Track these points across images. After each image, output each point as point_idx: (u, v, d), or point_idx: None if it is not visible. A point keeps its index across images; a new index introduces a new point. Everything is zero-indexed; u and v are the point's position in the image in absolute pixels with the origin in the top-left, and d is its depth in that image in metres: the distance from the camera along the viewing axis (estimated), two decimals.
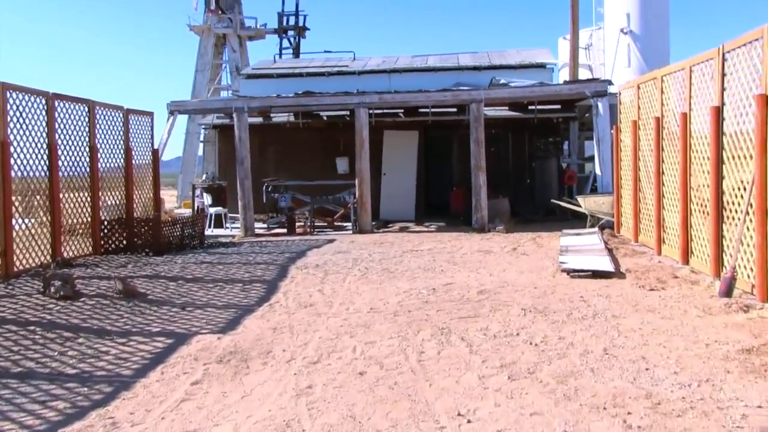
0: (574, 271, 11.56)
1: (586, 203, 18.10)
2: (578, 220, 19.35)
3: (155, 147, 18.86)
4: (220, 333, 8.44)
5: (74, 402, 6.11)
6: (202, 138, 39.10)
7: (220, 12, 45.11)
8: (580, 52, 26.88)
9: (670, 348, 7.11)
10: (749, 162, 9.39)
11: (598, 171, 19.24)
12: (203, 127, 31.00)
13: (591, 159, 23.27)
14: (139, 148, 17.76)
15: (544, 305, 9.35)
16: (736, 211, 9.86)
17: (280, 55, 45.02)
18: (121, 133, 16.98)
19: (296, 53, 46.02)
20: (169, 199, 39.43)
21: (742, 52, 9.65)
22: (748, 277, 9.39)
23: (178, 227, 17.08)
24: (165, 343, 8.05)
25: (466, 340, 7.70)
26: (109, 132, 16.34)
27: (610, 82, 19.84)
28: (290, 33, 47.42)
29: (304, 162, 24.05)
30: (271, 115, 23.49)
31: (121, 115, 16.99)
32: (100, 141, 15.89)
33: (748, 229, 9.41)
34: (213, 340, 8.07)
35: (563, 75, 28.89)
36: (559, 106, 23.25)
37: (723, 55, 10.25)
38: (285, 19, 47.62)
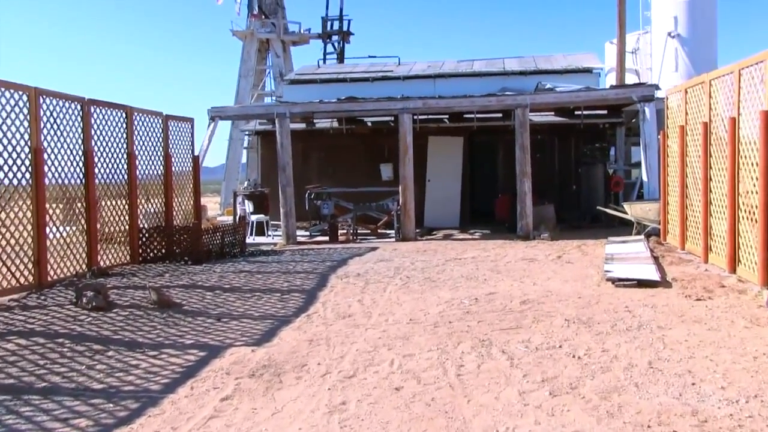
0: (620, 280, 11.26)
1: (632, 210, 17.74)
2: (624, 227, 18.97)
3: (196, 154, 18.70)
4: (255, 345, 8.26)
5: (98, 419, 5.93)
6: (245, 144, 39.08)
7: (263, 17, 44.98)
8: (627, 57, 26.49)
9: (716, 361, 6.84)
10: None
11: (644, 177, 18.85)
12: (246, 133, 30.89)
13: (637, 165, 22.97)
14: (178, 155, 17.62)
15: (588, 316, 9.08)
16: None
17: (324, 60, 44.75)
18: (160, 139, 16.82)
19: (340, 58, 45.91)
20: (213, 206, 39.54)
21: None
22: None
23: (218, 235, 16.99)
24: (197, 356, 7.88)
25: (507, 353, 7.46)
26: (147, 138, 16.20)
27: (657, 87, 19.48)
28: (334, 38, 47.22)
29: (347, 168, 24.00)
30: (314, 120, 23.40)
31: (160, 121, 16.83)
32: (138, 147, 15.76)
33: None
34: (247, 353, 7.89)
35: (610, 80, 28.51)
36: (605, 112, 22.96)
37: None
38: (329, 23, 47.35)
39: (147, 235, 15.95)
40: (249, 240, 20.25)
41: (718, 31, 26.05)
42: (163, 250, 16.04)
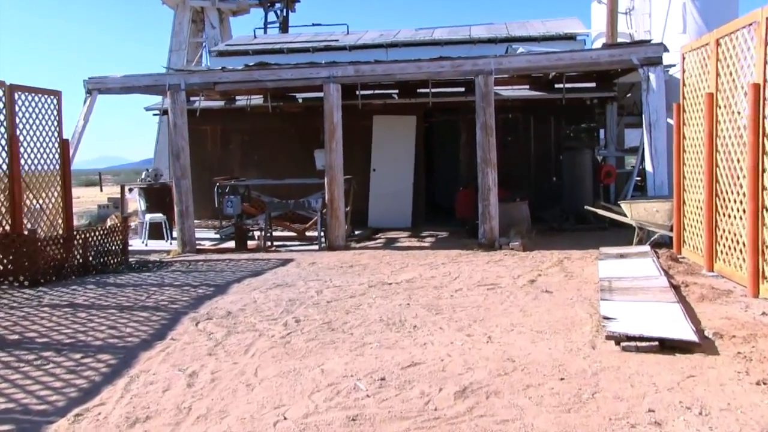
0: (629, 338, 6.75)
1: (633, 211, 13.23)
2: (618, 228, 15.21)
3: (66, 137, 14.19)
4: None
5: None
6: None
7: None
8: (620, 18, 21.90)
9: None
10: None
11: (648, 166, 14.23)
12: (154, 113, 25.72)
13: (633, 151, 18.89)
14: (35, 138, 13.29)
15: None
16: None
17: (265, 30, 40.31)
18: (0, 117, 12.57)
19: (284, 28, 41.12)
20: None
21: None
22: None
23: (78, 244, 12.61)
24: None
25: None
26: None
27: (665, 48, 14.77)
28: (277, 5, 42.08)
29: (276, 155, 19.93)
30: (236, 97, 19.12)
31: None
32: None
33: None
34: None
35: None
36: (593, 84, 18.82)
37: None
38: None
39: None
40: (141, 246, 15.96)
41: None
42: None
